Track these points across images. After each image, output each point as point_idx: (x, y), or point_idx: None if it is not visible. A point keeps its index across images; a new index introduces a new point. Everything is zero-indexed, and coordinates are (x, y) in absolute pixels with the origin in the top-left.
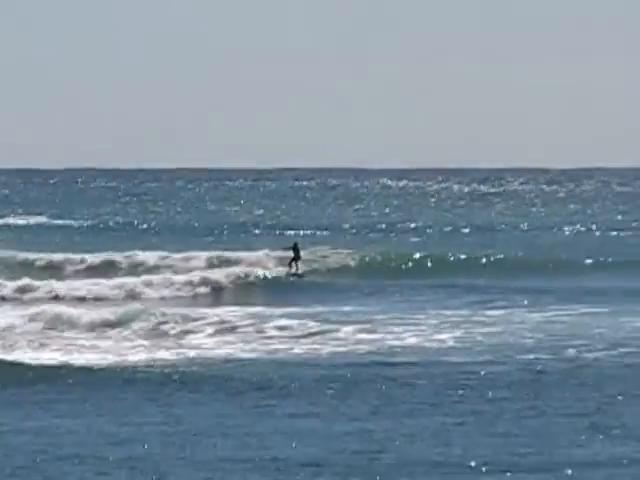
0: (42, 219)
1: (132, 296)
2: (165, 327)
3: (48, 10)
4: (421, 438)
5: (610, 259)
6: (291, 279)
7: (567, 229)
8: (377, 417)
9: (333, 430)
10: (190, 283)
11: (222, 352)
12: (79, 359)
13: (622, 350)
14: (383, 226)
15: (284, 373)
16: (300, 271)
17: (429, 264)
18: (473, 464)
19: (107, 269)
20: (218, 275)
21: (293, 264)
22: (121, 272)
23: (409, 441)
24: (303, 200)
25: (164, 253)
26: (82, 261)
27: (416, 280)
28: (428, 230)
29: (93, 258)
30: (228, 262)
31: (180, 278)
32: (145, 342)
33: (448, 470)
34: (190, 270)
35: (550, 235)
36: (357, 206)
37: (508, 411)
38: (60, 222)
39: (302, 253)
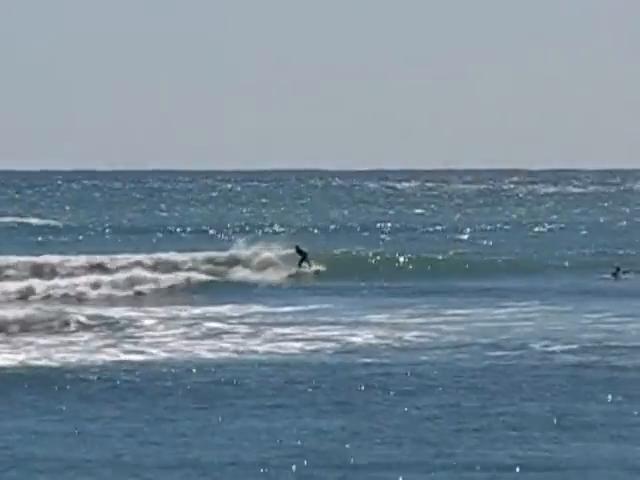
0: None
1: (53, 297)
2: (87, 328)
3: (51, 8)
4: (387, 436)
5: (572, 259)
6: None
7: (536, 229)
8: (345, 416)
9: (300, 429)
10: (125, 285)
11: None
12: None
13: (581, 346)
14: (353, 226)
15: (243, 373)
16: (311, 268)
17: (394, 264)
18: (447, 462)
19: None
20: (159, 277)
21: (304, 264)
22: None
23: (379, 439)
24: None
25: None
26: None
27: (381, 281)
28: (396, 230)
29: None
30: (176, 266)
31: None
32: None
33: (424, 469)
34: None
35: (518, 235)
36: (329, 206)
37: (476, 408)
38: (26, 221)
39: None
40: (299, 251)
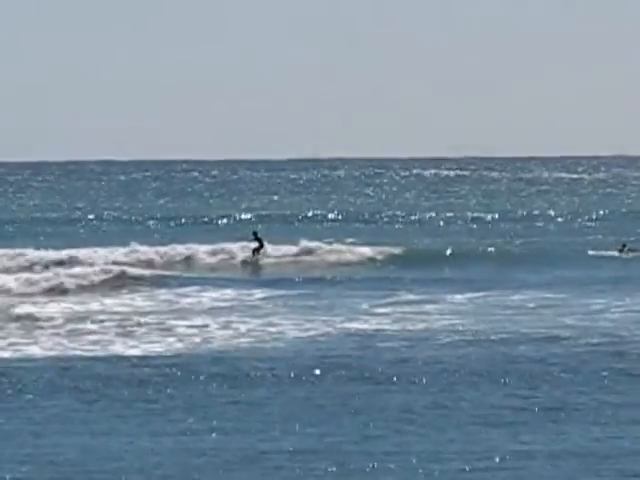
0: None
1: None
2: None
3: (62, 7)
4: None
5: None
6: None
7: (531, 220)
8: (327, 410)
9: (316, 416)
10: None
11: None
12: None
13: (565, 340)
14: (329, 217)
15: (259, 362)
16: (259, 256)
17: (384, 258)
18: (442, 457)
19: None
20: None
21: (257, 252)
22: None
23: (362, 434)
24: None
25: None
26: None
27: (365, 274)
28: (378, 221)
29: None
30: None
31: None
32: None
33: (438, 458)
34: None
35: (509, 226)
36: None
37: (468, 400)
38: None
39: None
40: (256, 238)
